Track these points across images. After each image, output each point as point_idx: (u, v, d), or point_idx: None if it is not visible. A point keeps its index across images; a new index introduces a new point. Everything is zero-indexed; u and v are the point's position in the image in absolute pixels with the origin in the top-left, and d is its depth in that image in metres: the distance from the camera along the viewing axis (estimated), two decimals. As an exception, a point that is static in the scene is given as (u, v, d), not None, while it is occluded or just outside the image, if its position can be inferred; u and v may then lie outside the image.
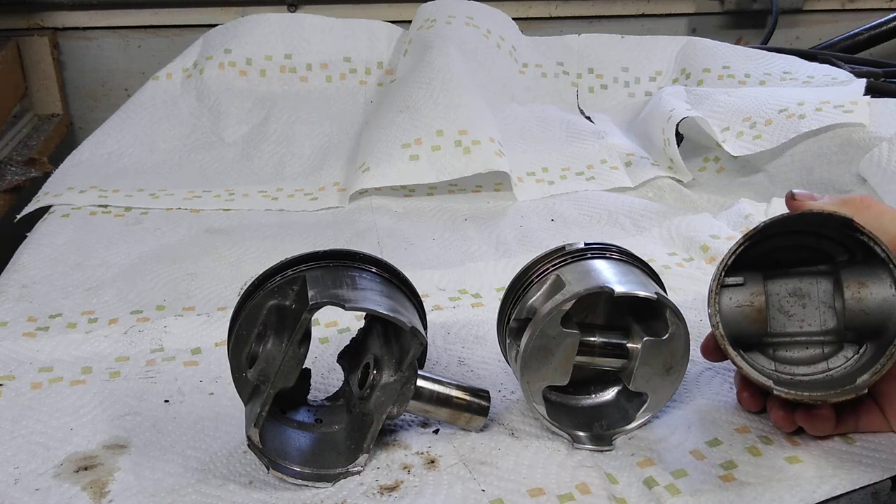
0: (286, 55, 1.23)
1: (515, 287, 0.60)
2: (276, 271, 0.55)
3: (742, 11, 1.61)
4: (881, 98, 1.03)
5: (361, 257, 0.57)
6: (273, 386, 0.52)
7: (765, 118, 1.03)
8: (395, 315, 0.53)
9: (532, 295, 0.58)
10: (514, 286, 0.60)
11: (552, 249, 0.60)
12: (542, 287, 0.58)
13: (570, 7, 1.55)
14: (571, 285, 0.55)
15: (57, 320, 0.74)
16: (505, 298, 0.61)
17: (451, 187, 1.05)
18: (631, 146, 1.13)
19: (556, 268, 0.58)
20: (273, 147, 1.14)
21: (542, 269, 0.59)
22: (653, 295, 0.55)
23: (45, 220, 0.95)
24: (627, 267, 0.59)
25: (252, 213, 0.98)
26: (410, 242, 0.90)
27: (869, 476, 0.53)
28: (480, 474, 0.55)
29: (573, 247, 0.60)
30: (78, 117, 1.48)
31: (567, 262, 0.58)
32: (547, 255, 0.60)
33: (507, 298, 0.61)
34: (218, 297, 0.78)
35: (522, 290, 0.59)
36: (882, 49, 1.54)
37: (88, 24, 1.42)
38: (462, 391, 0.58)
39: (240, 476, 0.55)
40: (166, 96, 1.21)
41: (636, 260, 0.60)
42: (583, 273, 0.57)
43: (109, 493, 0.53)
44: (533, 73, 1.29)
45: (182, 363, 0.68)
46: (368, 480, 0.54)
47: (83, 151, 1.11)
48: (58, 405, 0.62)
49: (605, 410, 0.61)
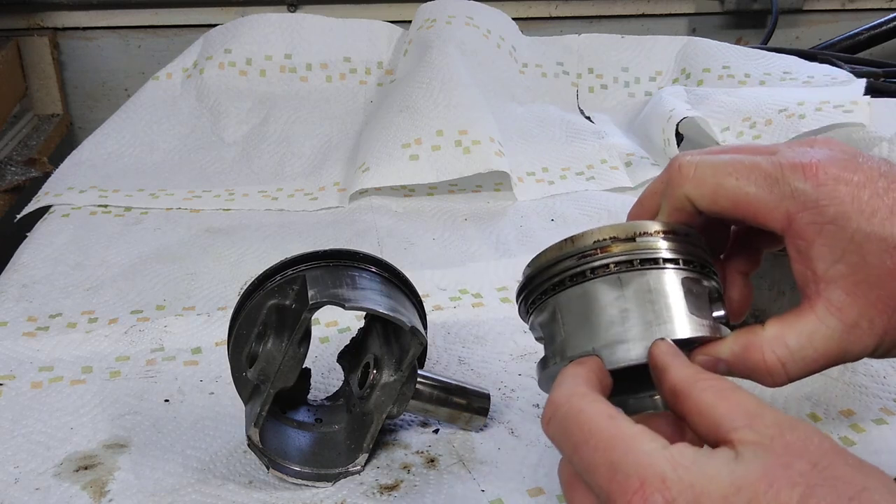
0: (286, 55, 1.24)
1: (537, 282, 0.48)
2: (275, 271, 0.55)
3: (742, 11, 1.61)
4: (881, 98, 1.03)
5: (361, 257, 0.57)
6: (273, 385, 0.52)
7: (765, 118, 1.03)
8: (394, 314, 0.53)
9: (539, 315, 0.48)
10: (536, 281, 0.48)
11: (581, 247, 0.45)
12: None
13: (570, 7, 1.55)
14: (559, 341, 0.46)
15: (57, 320, 0.74)
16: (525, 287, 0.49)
17: (451, 187, 1.05)
18: (631, 146, 1.13)
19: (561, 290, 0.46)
20: (273, 147, 1.14)
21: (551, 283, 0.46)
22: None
23: (45, 220, 0.95)
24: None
25: (252, 213, 0.98)
26: (410, 242, 0.90)
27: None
28: (480, 474, 0.55)
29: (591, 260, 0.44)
30: (78, 117, 1.48)
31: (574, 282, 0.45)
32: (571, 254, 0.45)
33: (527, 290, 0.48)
34: (218, 297, 0.78)
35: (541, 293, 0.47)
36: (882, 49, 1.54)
37: (88, 24, 1.42)
38: (462, 391, 0.58)
39: (240, 476, 0.55)
40: (166, 96, 1.21)
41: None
42: (580, 318, 0.45)
43: (109, 492, 0.53)
44: (533, 73, 1.29)
45: (182, 363, 0.68)
46: (368, 480, 0.54)
47: (83, 151, 1.11)
48: (58, 405, 0.62)
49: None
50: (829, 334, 0.42)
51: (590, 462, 0.37)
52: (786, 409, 0.61)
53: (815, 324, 0.42)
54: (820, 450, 0.35)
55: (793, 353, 0.43)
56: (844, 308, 0.42)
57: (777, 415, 0.37)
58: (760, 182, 0.43)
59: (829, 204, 0.41)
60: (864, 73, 1.20)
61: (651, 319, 0.43)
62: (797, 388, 0.63)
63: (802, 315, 0.43)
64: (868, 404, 0.61)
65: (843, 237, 0.41)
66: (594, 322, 0.44)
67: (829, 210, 0.41)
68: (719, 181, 0.44)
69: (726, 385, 0.39)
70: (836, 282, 0.42)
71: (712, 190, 0.44)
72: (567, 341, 0.45)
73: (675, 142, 1.06)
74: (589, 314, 0.44)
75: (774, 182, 0.43)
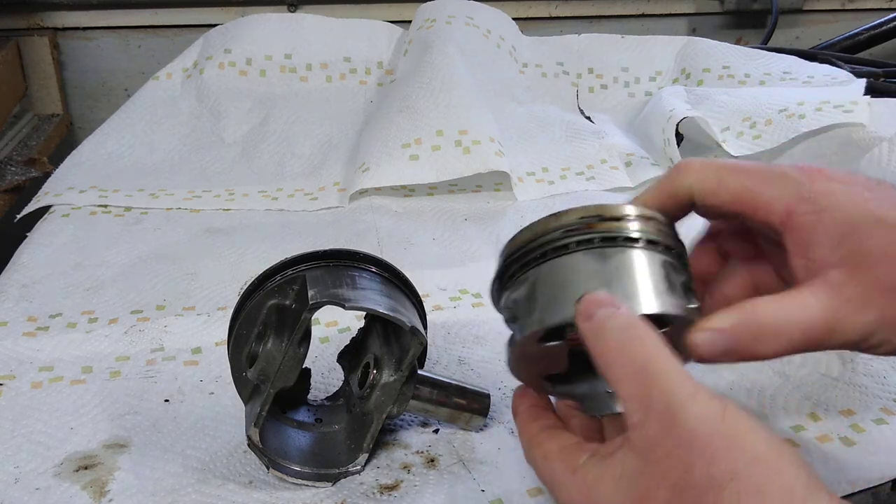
0: (286, 55, 1.23)
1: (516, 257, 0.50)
2: (275, 271, 0.55)
3: (742, 11, 1.61)
4: (881, 98, 1.03)
5: (361, 257, 0.57)
6: (273, 385, 0.52)
7: (765, 118, 1.03)
8: (394, 314, 0.53)
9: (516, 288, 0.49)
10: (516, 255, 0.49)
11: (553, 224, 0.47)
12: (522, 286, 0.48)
13: (570, 7, 1.55)
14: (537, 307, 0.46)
15: (57, 320, 0.74)
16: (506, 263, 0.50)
17: (451, 187, 1.05)
18: (631, 146, 1.13)
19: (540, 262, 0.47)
20: (273, 147, 1.14)
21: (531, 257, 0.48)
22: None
23: (45, 220, 0.95)
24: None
25: (252, 213, 0.98)
26: (410, 242, 0.90)
27: (869, 476, 0.53)
28: (480, 474, 0.55)
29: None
30: (78, 117, 1.48)
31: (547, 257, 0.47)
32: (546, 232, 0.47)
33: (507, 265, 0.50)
34: (218, 297, 0.78)
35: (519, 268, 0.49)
36: (882, 49, 1.54)
37: (88, 24, 1.42)
38: (462, 391, 0.58)
39: (240, 476, 0.55)
40: (166, 96, 1.21)
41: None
42: (554, 282, 0.45)
43: (109, 492, 0.53)
44: (533, 73, 1.29)
45: (182, 363, 0.68)
46: (368, 480, 0.54)
47: (83, 151, 1.11)
48: (58, 405, 0.62)
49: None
50: (827, 304, 0.43)
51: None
52: (786, 409, 0.61)
53: (812, 297, 0.44)
54: (685, 463, 0.37)
55: (791, 321, 0.44)
56: (842, 285, 0.43)
57: (666, 403, 0.38)
58: (761, 178, 0.45)
59: (825, 194, 0.44)
60: (864, 73, 1.20)
61: (630, 293, 0.44)
62: (797, 388, 0.63)
63: (801, 290, 0.44)
64: (868, 404, 0.61)
65: (840, 222, 0.43)
66: (575, 291, 0.44)
67: (825, 200, 0.44)
68: (722, 176, 0.46)
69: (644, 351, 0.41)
70: (836, 266, 0.43)
71: (715, 182, 0.46)
72: (546, 309, 0.45)
73: (675, 142, 1.06)
74: (569, 284, 0.45)
75: (775, 179, 0.45)
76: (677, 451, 0.37)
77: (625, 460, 0.40)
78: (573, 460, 0.43)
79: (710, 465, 0.36)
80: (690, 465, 0.37)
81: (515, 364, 0.48)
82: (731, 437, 0.37)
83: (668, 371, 0.39)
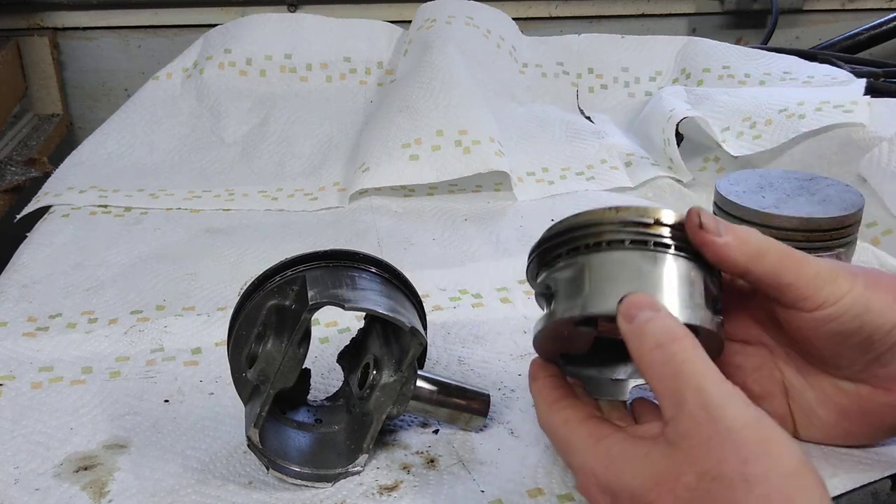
0: (286, 55, 1.23)
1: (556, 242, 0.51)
2: (275, 271, 0.55)
3: (742, 11, 1.61)
4: (881, 98, 1.03)
5: (361, 257, 0.57)
6: (273, 386, 0.52)
7: (765, 118, 1.03)
8: (394, 315, 0.53)
9: (557, 269, 0.51)
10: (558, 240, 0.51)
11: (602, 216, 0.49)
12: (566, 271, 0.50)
13: (570, 7, 1.55)
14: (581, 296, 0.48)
15: (57, 320, 0.74)
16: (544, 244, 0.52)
17: (451, 187, 1.05)
18: (631, 146, 1.13)
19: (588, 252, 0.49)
20: (273, 147, 1.14)
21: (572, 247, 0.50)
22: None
23: (45, 220, 0.95)
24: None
25: (252, 213, 0.98)
26: (410, 242, 0.90)
27: (868, 475, 0.53)
28: (480, 474, 0.55)
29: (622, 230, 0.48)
30: (78, 117, 1.48)
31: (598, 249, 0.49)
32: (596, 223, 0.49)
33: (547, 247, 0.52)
34: (218, 297, 0.78)
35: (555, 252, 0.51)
36: (882, 49, 1.54)
37: (88, 24, 1.42)
38: (462, 391, 0.58)
39: (240, 476, 0.55)
40: (166, 96, 1.21)
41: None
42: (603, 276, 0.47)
43: (109, 492, 0.53)
44: (533, 73, 1.29)
45: (182, 363, 0.68)
46: (368, 480, 0.54)
47: (83, 151, 1.11)
48: (58, 405, 0.62)
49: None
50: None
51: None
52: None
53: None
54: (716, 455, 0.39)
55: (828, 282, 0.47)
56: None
57: (701, 402, 0.40)
58: (809, 266, 0.47)
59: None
60: (864, 73, 1.20)
61: (671, 300, 0.46)
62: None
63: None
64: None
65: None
66: (621, 287, 0.46)
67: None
68: (772, 244, 0.47)
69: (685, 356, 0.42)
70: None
71: (757, 250, 0.47)
72: (590, 297, 0.47)
73: (675, 142, 1.06)
74: (616, 278, 0.47)
75: (823, 276, 0.47)
76: (710, 443, 0.39)
77: (655, 444, 0.42)
78: (597, 431, 0.46)
79: (743, 464, 0.38)
80: (722, 459, 0.38)
81: (542, 337, 0.51)
82: (765, 444, 0.38)
83: (705, 373, 0.41)
